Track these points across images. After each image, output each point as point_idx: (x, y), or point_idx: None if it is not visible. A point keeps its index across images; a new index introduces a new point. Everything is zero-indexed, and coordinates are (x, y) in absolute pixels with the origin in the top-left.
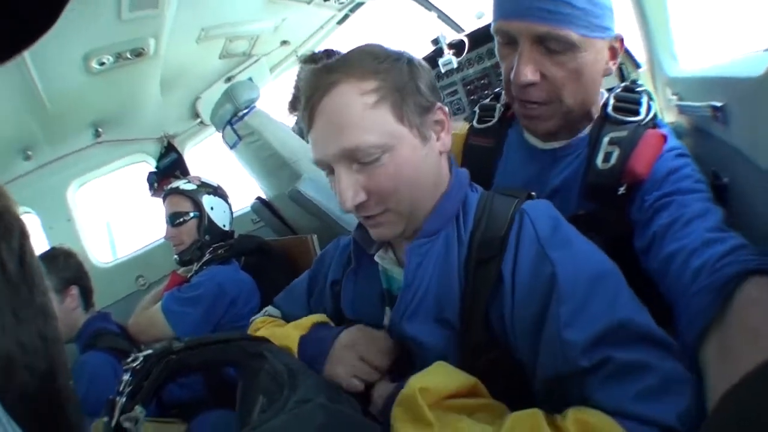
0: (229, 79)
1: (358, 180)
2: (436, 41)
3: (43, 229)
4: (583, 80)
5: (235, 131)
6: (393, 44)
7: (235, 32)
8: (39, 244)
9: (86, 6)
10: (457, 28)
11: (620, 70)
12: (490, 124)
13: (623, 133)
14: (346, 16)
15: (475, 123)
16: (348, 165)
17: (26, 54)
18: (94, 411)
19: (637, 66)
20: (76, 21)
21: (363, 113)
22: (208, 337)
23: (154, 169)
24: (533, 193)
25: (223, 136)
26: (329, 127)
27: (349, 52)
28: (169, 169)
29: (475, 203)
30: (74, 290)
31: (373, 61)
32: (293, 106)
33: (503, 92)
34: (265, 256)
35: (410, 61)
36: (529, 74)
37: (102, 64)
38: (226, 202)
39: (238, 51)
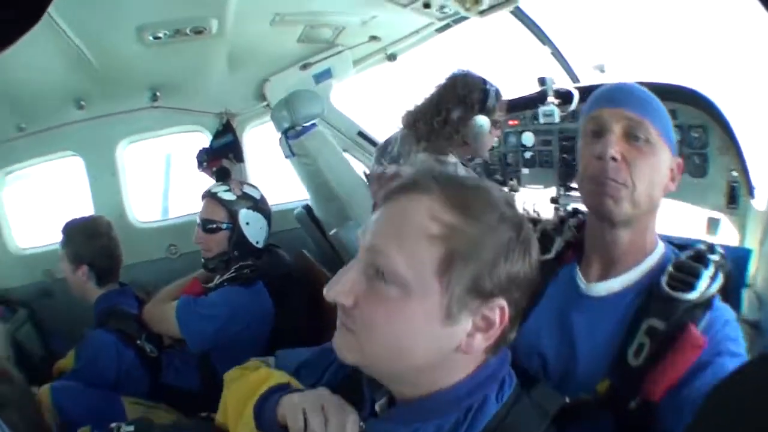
0: (305, 66)
1: (360, 284)
2: (542, 81)
3: (87, 176)
4: (653, 176)
5: (289, 146)
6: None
7: (316, 20)
8: (82, 190)
9: None
10: (570, 73)
11: (732, 188)
12: (544, 257)
13: (661, 326)
14: (447, 26)
15: None
16: (367, 266)
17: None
18: (87, 383)
19: (751, 193)
20: None
21: (414, 236)
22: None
23: (206, 146)
24: (567, 399)
25: (279, 142)
26: (382, 219)
27: (472, 178)
28: (221, 150)
29: (491, 414)
30: (84, 268)
31: (478, 201)
32: (416, 121)
33: (567, 224)
34: (290, 283)
35: (520, 234)
36: (615, 152)
37: (157, 37)
38: (265, 217)
39: (319, 38)
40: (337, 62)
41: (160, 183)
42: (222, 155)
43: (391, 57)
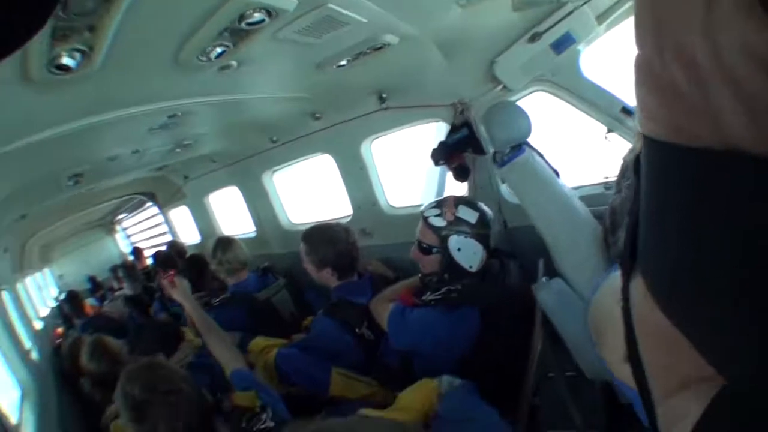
0: (534, 37)
1: None
2: None
3: (339, 171)
4: None
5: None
6: None
7: None
8: (334, 181)
9: None
10: None
11: None
12: None
13: None
14: None
15: None
16: None
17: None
18: (307, 352)
19: None
20: None
21: None
22: None
23: (441, 141)
24: None
25: None
26: None
27: None
28: (456, 146)
29: None
30: (327, 269)
31: None
32: None
33: None
34: (504, 309)
35: None
36: None
37: (340, 66)
38: (481, 241)
39: None
40: (576, 23)
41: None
42: (459, 151)
43: None
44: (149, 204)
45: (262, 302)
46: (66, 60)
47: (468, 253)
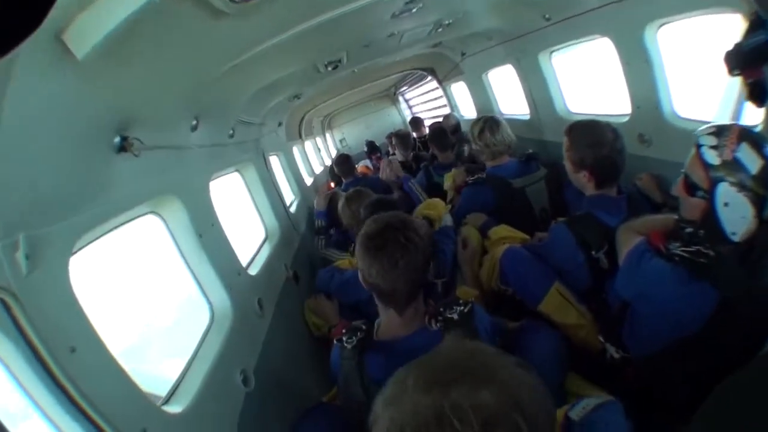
0: None
1: None
2: None
3: (619, 59)
4: None
5: None
6: None
7: None
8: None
9: None
10: None
11: None
12: None
13: None
14: None
15: None
16: None
17: None
18: (535, 256)
19: None
20: None
21: None
22: None
23: (737, 43)
24: None
25: None
26: None
27: None
28: (752, 54)
29: None
30: (585, 172)
31: None
32: None
33: None
34: (738, 316)
35: None
36: None
37: None
38: (756, 203)
39: None
40: None
41: None
42: (755, 62)
43: None
44: (429, 78)
45: (515, 189)
46: None
47: (735, 214)
